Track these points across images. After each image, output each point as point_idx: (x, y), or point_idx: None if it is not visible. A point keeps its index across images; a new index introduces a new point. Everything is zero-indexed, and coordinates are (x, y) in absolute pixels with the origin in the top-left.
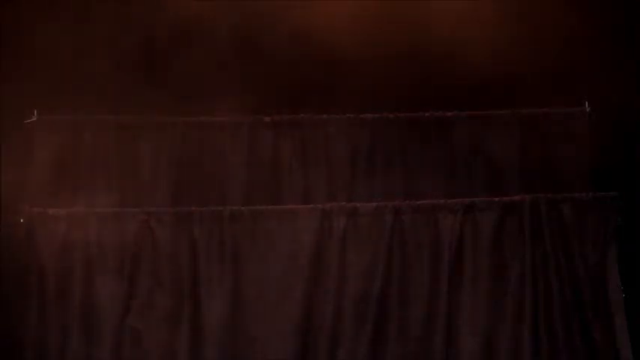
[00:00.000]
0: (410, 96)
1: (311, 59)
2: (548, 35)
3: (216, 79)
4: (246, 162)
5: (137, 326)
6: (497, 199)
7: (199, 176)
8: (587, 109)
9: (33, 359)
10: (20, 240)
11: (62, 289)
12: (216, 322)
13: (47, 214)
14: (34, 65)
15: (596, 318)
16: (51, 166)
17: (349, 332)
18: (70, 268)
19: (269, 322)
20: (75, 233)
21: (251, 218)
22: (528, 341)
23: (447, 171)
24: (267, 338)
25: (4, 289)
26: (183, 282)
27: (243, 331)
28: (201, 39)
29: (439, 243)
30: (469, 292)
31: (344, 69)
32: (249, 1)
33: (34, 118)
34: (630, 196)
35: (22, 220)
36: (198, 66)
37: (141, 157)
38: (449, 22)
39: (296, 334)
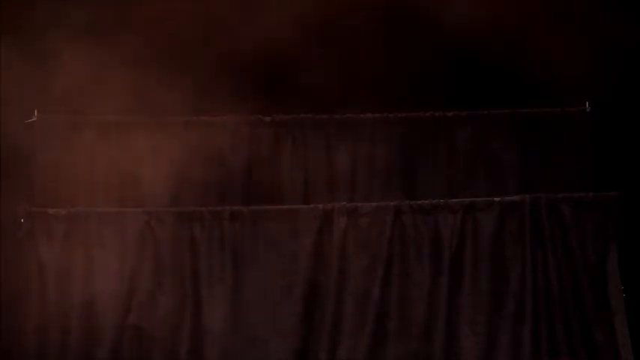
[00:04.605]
0: (410, 96)
1: (312, 59)
2: (548, 35)
3: (216, 78)
4: (246, 162)
5: (138, 326)
6: (497, 199)
7: (199, 176)
8: (587, 109)
9: (33, 359)
10: (20, 240)
11: (62, 289)
12: (217, 322)
13: (47, 214)
14: (35, 65)
15: (596, 318)
16: (51, 166)
17: (349, 332)
18: (70, 268)
19: (269, 321)
20: (75, 233)
21: (251, 218)
22: (528, 341)
23: (447, 171)
24: (267, 338)
25: (4, 289)
26: (184, 282)
27: (243, 330)
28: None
29: (439, 243)
30: (469, 292)
31: (344, 68)
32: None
33: (34, 118)
34: (631, 196)
35: (22, 220)
36: (200, 65)
37: (141, 157)
38: (449, 22)
39: (296, 334)
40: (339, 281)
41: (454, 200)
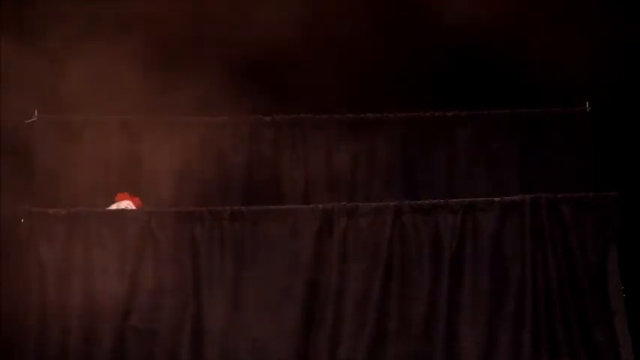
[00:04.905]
0: (410, 96)
1: (312, 59)
2: (548, 35)
3: (216, 78)
4: (247, 162)
5: (138, 326)
6: (497, 199)
7: (200, 176)
8: (587, 109)
9: (33, 359)
10: (20, 240)
11: (62, 289)
12: (218, 322)
13: (47, 214)
14: (35, 65)
15: (596, 318)
16: (51, 166)
17: (349, 332)
18: (70, 268)
19: (270, 322)
20: (75, 233)
21: (251, 218)
22: (528, 341)
23: (447, 171)
24: (267, 338)
25: (4, 289)
26: (184, 282)
27: (244, 330)
28: (203, 38)
29: (439, 243)
30: (469, 292)
31: (344, 68)
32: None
33: (34, 118)
34: (631, 196)
35: (22, 220)
36: (200, 65)
37: (141, 157)
38: (449, 22)
39: (296, 334)
40: (339, 281)
41: (454, 200)
